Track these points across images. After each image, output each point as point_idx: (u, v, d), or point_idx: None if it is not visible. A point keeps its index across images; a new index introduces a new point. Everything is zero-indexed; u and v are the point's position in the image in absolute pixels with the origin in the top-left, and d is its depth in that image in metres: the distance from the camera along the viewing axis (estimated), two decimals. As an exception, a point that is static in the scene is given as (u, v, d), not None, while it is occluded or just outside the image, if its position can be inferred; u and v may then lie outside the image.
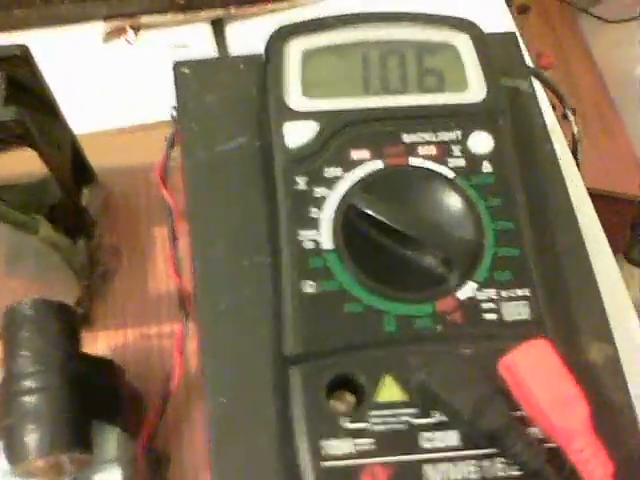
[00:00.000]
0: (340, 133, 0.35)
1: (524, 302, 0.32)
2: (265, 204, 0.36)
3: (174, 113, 0.41)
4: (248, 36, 0.58)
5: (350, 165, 0.34)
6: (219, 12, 0.59)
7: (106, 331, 0.47)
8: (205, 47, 0.59)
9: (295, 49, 0.37)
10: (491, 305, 0.32)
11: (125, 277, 0.48)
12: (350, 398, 0.31)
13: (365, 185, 0.34)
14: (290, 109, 0.35)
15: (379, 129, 0.35)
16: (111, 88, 0.55)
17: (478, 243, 0.33)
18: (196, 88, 0.40)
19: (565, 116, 0.53)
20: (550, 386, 0.29)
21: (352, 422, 0.30)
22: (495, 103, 0.36)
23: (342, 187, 0.34)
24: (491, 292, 0.32)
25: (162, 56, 0.56)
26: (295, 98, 0.36)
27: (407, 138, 0.35)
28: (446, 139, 0.35)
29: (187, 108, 0.40)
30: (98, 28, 0.58)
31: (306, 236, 0.33)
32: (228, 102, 0.40)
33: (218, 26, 0.60)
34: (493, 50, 0.40)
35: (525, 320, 0.32)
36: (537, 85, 0.53)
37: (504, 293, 0.32)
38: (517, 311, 0.32)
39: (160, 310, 0.47)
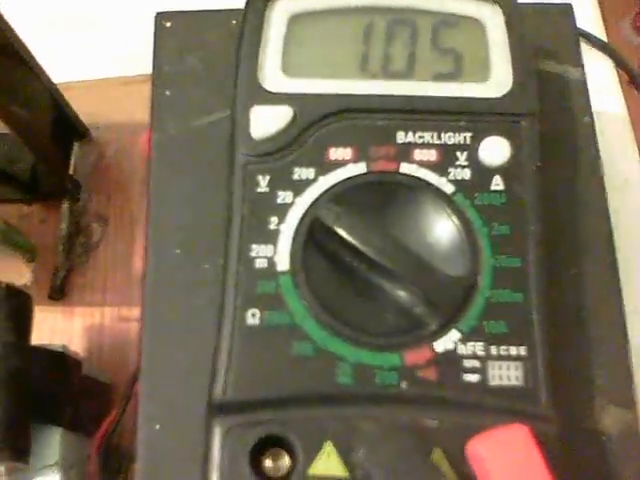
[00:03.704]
0: (319, 124, 0.28)
1: (517, 364, 0.26)
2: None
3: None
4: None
5: (326, 166, 0.28)
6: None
7: (83, 307, 0.43)
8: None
9: (280, 13, 0.30)
10: (475, 363, 0.26)
11: (109, 248, 0.44)
12: (286, 461, 0.25)
13: (339, 194, 0.27)
14: (263, 89, 0.29)
15: (369, 123, 0.28)
16: (119, 29, 0.50)
17: (470, 282, 0.26)
18: (177, 47, 0.34)
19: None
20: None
21: (274, 497, 0.24)
22: (520, 100, 0.28)
23: (312, 194, 0.27)
24: (477, 346, 0.26)
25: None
26: (271, 76, 0.29)
27: (402, 137, 0.28)
28: (451, 143, 0.28)
29: (163, 71, 0.34)
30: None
31: (259, 252, 0.27)
32: (212, 66, 0.33)
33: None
34: (541, 26, 0.32)
35: (515, 387, 0.25)
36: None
37: (494, 350, 0.26)
38: (507, 375, 0.26)
39: (144, 288, 0.43)
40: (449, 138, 0.28)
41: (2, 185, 0.42)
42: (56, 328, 0.43)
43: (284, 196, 0.27)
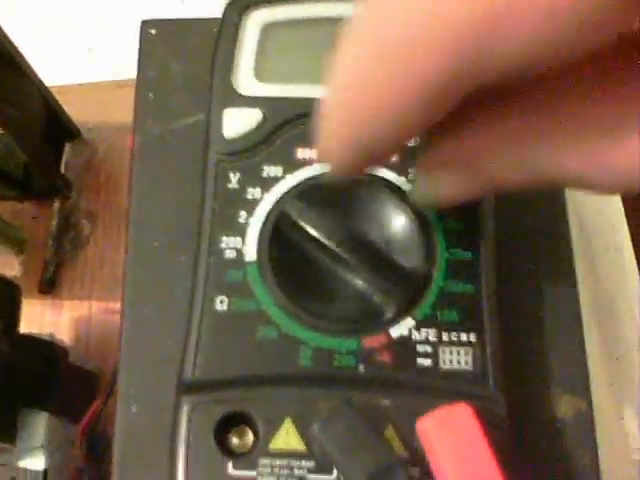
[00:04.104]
0: (287, 126, 0.30)
1: (466, 349, 0.28)
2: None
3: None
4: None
5: (293, 165, 0.30)
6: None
7: (72, 300, 0.45)
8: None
9: (254, 22, 0.32)
10: (427, 348, 0.27)
11: (98, 244, 0.46)
12: (251, 438, 0.27)
13: (305, 191, 0.29)
14: (236, 93, 0.31)
15: (334, 125, 0.30)
16: (109, 35, 0.52)
17: (425, 273, 0.28)
18: (160, 52, 0.36)
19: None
20: (465, 463, 0.24)
21: (237, 469, 0.26)
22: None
23: (279, 190, 0.29)
24: (430, 333, 0.28)
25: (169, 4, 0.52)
26: (244, 80, 0.31)
27: (365, 138, 0.30)
28: (411, 144, 0.30)
29: (147, 74, 0.36)
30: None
31: (229, 243, 0.29)
32: (193, 71, 0.36)
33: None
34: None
35: (464, 371, 0.27)
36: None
37: (445, 336, 0.28)
38: (457, 359, 0.27)
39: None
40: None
41: (-4, 183, 0.44)
42: (45, 320, 0.45)
43: (253, 192, 0.29)
